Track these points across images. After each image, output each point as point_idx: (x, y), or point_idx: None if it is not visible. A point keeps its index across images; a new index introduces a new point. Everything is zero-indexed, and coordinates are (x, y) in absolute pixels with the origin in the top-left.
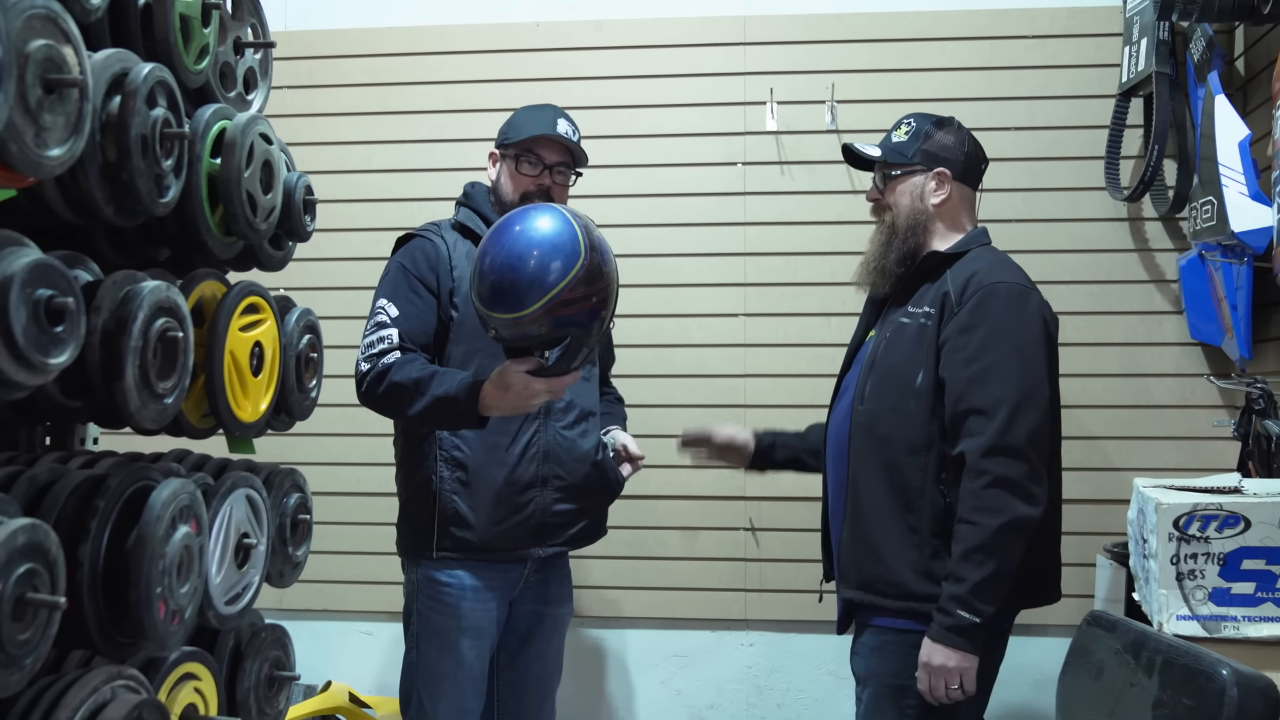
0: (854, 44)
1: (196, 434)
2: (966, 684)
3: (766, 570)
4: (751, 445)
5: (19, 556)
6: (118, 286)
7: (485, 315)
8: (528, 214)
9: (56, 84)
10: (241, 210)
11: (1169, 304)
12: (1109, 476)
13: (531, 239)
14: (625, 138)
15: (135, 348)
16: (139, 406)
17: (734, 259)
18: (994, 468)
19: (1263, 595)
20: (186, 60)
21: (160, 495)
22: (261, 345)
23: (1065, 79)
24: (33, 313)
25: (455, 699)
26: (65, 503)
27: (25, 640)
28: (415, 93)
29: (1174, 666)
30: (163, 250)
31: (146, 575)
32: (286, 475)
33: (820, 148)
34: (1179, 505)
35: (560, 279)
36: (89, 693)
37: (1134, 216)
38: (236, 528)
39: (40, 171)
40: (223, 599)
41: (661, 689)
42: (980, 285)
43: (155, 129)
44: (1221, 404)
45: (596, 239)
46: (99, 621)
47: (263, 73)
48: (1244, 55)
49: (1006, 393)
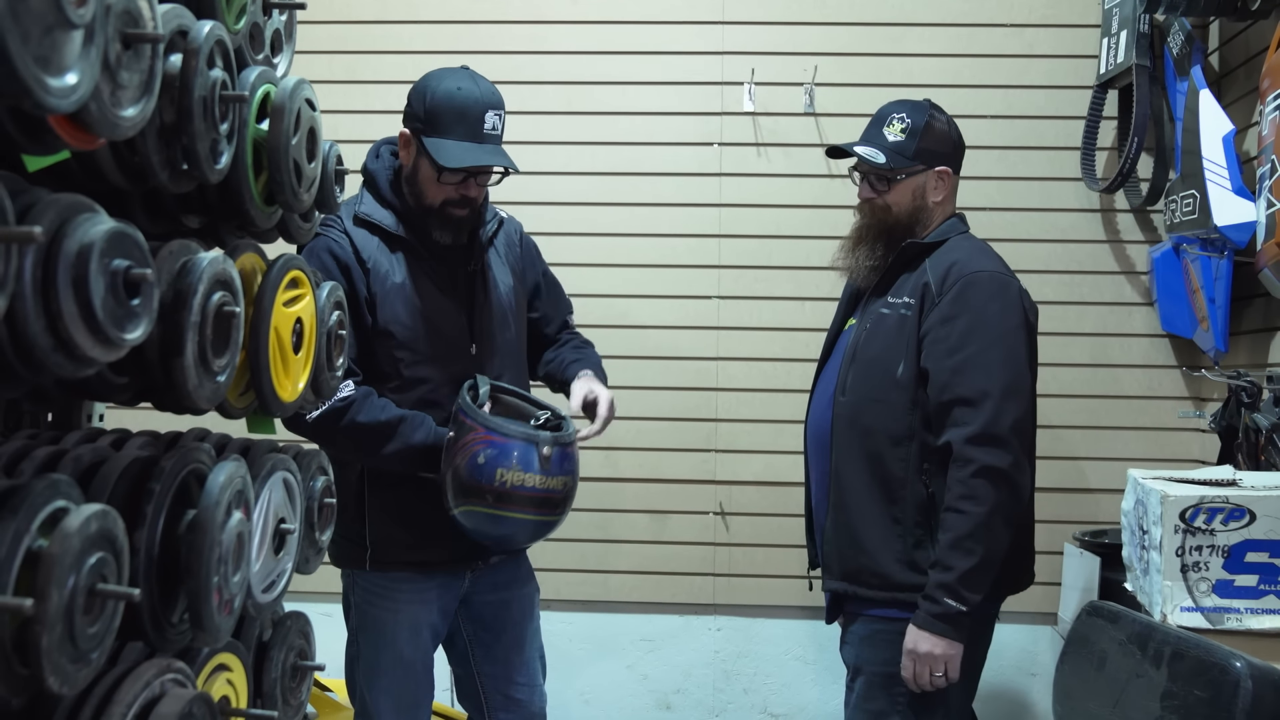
0: (833, 26)
1: (234, 414)
2: (951, 671)
3: (735, 555)
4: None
5: (91, 545)
6: (174, 257)
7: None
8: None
9: (135, 39)
10: (288, 179)
11: (1139, 296)
12: (1076, 465)
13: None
14: (599, 114)
15: (195, 323)
16: (196, 385)
17: (708, 240)
18: (981, 457)
19: (1266, 588)
20: (228, 19)
21: (217, 480)
22: (302, 321)
23: (1042, 68)
24: (110, 284)
25: (396, 694)
26: (116, 486)
27: (94, 634)
28: (384, 62)
29: (1184, 658)
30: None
31: (206, 564)
32: (313, 457)
33: (798, 130)
34: (1186, 498)
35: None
36: (141, 687)
37: (1107, 208)
38: (275, 513)
39: (116, 132)
40: (260, 587)
41: (628, 673)
42: (961, 274)
43: (215, 91)
44: (1188, 395)
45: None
46: (153, 612)
47: (287, 35)
48: (1220, 50)
49: (991, 382)
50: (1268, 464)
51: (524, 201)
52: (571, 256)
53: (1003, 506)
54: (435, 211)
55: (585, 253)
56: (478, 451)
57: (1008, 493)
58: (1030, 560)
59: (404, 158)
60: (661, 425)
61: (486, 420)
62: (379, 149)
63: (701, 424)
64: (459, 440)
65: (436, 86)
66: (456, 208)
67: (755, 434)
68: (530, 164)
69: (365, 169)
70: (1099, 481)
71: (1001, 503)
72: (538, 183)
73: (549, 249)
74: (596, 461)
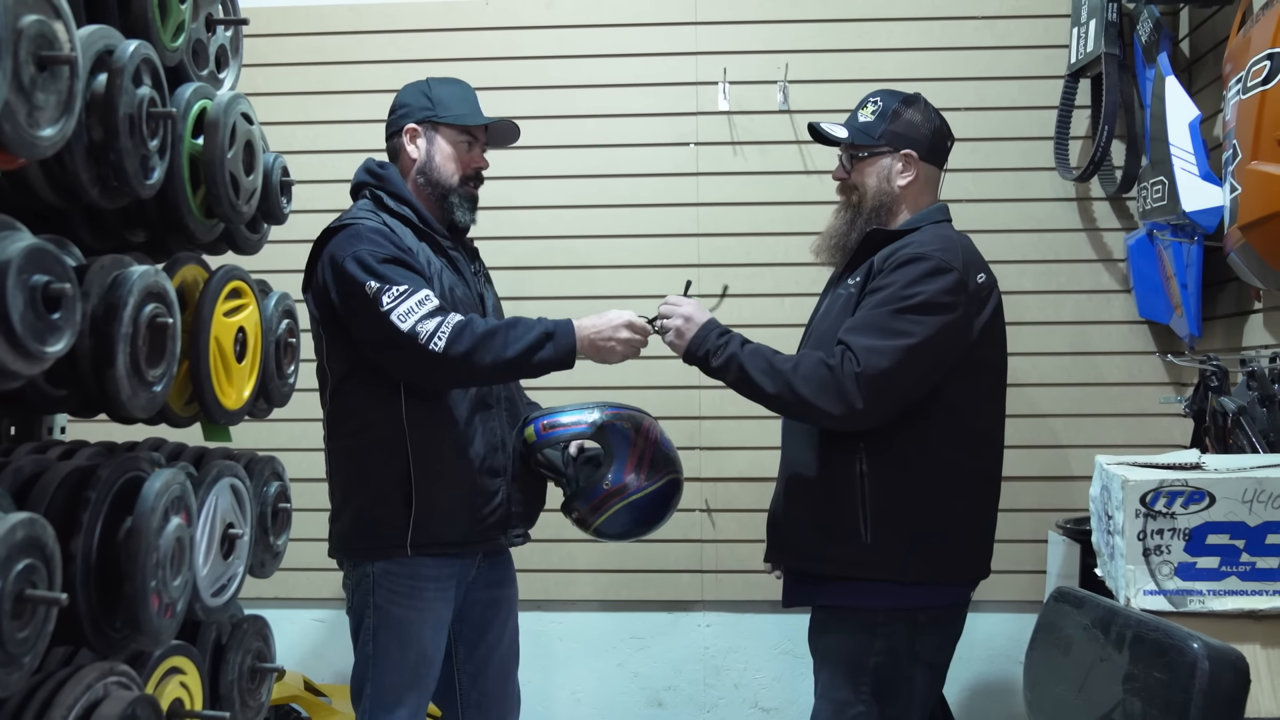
0: (805, 24)
1: (179, 422)
2: (669, 330)
3: (722, 551)
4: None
5: (18, 552)
6: (105, 271)
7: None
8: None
9: (49, 61)
10: (225, 192)
11: (1117, 283)
12: (1059, 453)
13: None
14: (575, 118)
15: (126, 334)
16: (130, 395)
17: (686, 240)
18: (839, 359)
19: (1227, 569)
20: (164, 37)
21: (153, 486)
22: (245, 331)
23: (1014, 60)
24: (29, 299)
25: (419, 693)
26: (54, 495)
27: (24, 638)
28: (361, 72)
29: (1144, 641)
30: (139, 233)
31: (142, 568)
32: (266, 463)
33: (773, 128)
34: (1146, 482)
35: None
36: (82, 690)
37: (1082, 196)
38: (222, 518)
39: (33, 152)
40: (209, 591)
41: (619, 671)
42: (905, 256)
43: (142, 108)
44: (1168, 381)
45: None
46: (92, 616)
47: (233, 50)
48: (1189, 37)
49: (870, 340)
50: (1235, 447)
51: (502, 206)
52: (551, 259)
53: (806, 405)
54: (456, 190)
55: (564, 255)
56: (660, 432)
57: (832, 401)
58: (988, 551)
59: (414, 153)
60: None
61: (641, 412)
62: (369, 165)
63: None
64: (635, 437)
65: (431, 82)
66: (474, 183)
67: (739, 430)
68: (508, 169)
69: (372, 174)
70: (1082, 469)
71: (810, 404)
72: (515, 187)
73: (528, 252)
74: None
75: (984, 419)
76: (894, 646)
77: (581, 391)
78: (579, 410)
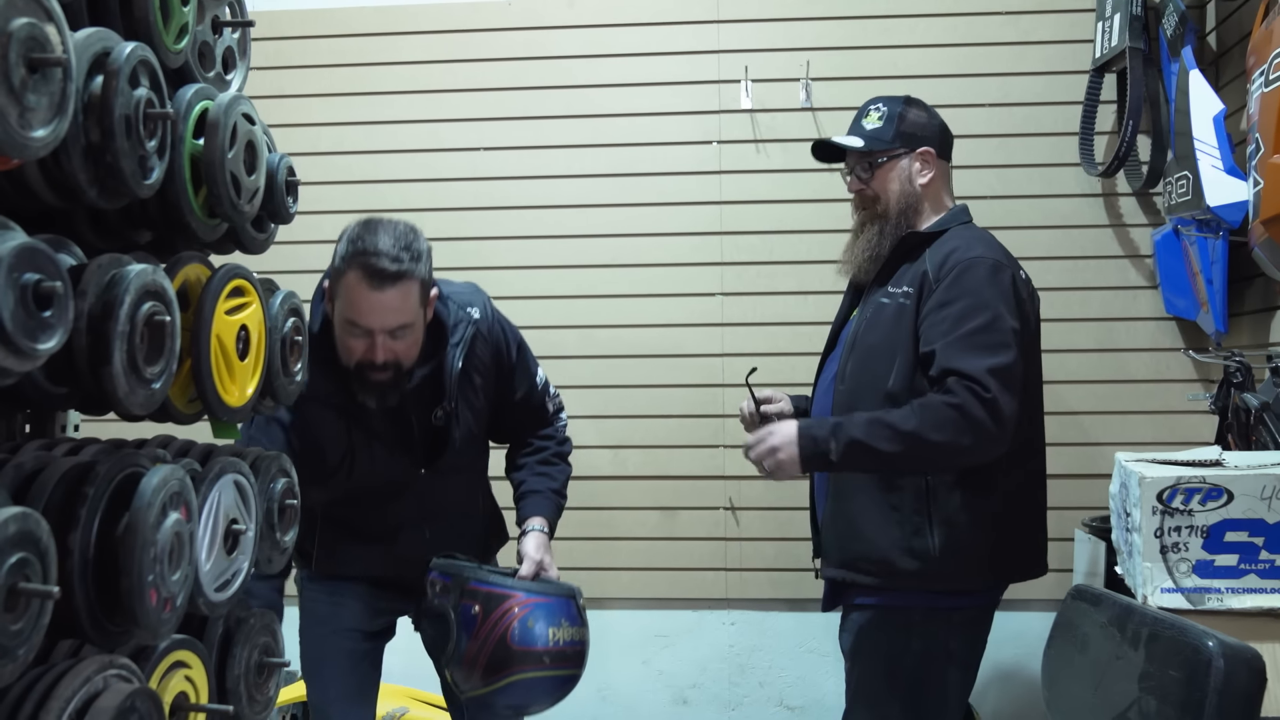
0: (827, 21)
1: (183, 419)
2: (775, 472)
3: (747, 549)
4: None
5: (10, 546)
6: (103, 270)
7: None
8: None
9: (40, 63)
10: (225, 192)
11: (1144, 279)
12: (1086, 451)
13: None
14: (599, 117)
15: (122, 332)
16: (127, 392)
17: (710, 238)
18: (962, 395)
19: (1246, 567)
20: (166, 39)
21: (150, 482)
22: (247, 329)
23: (1038, 55)
24: (20, 298)
25: (339, 686)
26: (53, 491)
27: (18, 631)
28: (386, 73)
29: (1160, 639)
30: (144, 233)
31: (138, 563)
32: (273, 460)
33: (795, 126)
34: (1162, 479)
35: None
36: (81, 683)
37: (1108, 192)
38: (225, 514)
39: (25, 153)
40: (212, 586)
41: (644, 669)
42: (958, 261)
43: (139, 109)
44: (1196, 378)
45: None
46: (90, 610)
47: (241, 52)
48: (1216, 30)
49: (981, 361)
50: (1258, 443)
51: (526, 206)
52: (575, 259)
53: (945, 451)
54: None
55: (589, 254)
56: (525, 615)
57: (968, 436)
58: (1042, 547)
59: (326, 309)
60: (669, 422)
61: (524, 585)
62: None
63: (709, 420)
64: (494, 611)
65: (352, 239)
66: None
67: None
68: (532, 169)
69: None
70: (1109, 467)
71: (952, 440)
72: (539, 186)
73: (553, 252)
74: (605, 460)
75: (1033, 418)
76: (929, 647)
77: (583, 391)
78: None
